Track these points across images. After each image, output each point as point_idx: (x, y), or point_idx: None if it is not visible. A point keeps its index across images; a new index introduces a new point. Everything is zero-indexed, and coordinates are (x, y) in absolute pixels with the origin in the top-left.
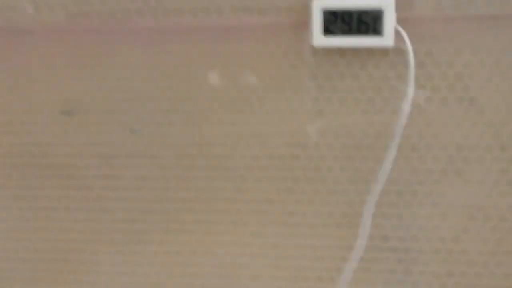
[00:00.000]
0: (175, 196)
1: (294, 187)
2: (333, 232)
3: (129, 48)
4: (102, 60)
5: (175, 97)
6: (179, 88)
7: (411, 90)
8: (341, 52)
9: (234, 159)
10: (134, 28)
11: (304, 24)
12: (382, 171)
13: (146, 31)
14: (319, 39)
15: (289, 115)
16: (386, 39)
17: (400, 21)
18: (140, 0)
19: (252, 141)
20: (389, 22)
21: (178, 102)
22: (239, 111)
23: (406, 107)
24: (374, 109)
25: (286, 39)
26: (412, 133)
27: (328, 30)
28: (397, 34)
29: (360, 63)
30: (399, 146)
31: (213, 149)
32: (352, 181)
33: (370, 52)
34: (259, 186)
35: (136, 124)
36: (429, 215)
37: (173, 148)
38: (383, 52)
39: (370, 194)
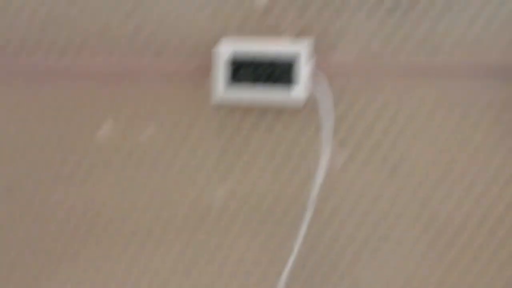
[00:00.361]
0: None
1: (197, 259)
2: None
3: (5, 91)
4: None
5: (59, 151)
6: (64, 141)
7: (328, 148)
8: (250, 105)
9: (128, 226)
10: (9, 67)
11: (208, 70)
12: (294, 247)
13: (25, 71)
14: (223, 90)
15: (188, 178)
16: (299, 91)
17: (318, 68)
18: (18, 36)
19: (149, 205)
20: (303, 71)
21: (63, 157)
22: (135, 168)
23: (322, 169)
24: (289, 167)
25: (189, 87)
26: (330, 198)
27: (233, 79)
28: (314, 84)
29: (271, 120)
30: (315, 213)
31: (105, 213)
32: (263, 252)
33: (283, 105)
34: (158, 253)
35: (13, 182)
36: None
37: (54, 213)
38: (297, 107)
39: (285, 266)
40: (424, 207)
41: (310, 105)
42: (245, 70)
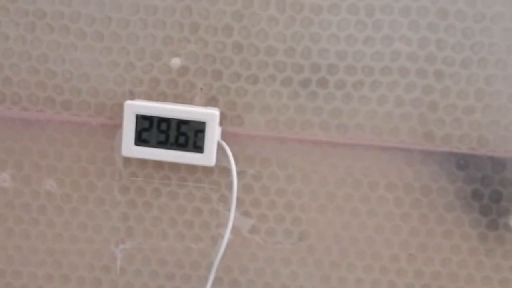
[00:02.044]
0: None
1: None
2: None
3: None
4: None
5: None
6: None
7: (233, 216)
8: (158, 164)
9: (22, 279)
10: None
11: (117, 126)
12: None
13: None
14: (130, 148)
15: (93, 232)
16: (207, 157)
17: (225, 136)
18: None
19: (46, 259)
20: (212, 137)
21: None
22: (32, 221)
23: (228, 235)
24: (192, 234)
25: (94, 142)
26: (233, 266)
27: (141, 138)
28: (222, 151)
29: (179, 179)
30: (217, 280)
31: None
32: None
33: (192, 167)
34: None
35: None
36: None
37: None
38: (207, 169)
39: None
40: (331, 273)
41: (221, 169)
42: (155, 130)
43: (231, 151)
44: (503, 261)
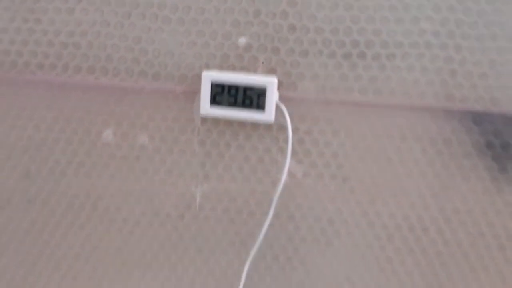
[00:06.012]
0: (63, 242)
1: (178, 245)
2: None
3: (27, 99)
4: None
5: (69, 148)
6: (73, 140)
7: (289, 164)
8: (228, 122)
9: (121, 212)
10: (32, 80)
11: (195, 92)
12: (260, 236)
13: (45, 84)
14: (207, 109)
15: (177, 177)
16: (268, 115)
17: (282, 99)
18: (41, 55)
19: (141, 197)
20: (271, 99)
21: (72, 153)
22: (130, 168)
23: (284, 179)
24: (256, 178)
25: (178, 105)
26: (289, 203)
27: (215, 101)
28: (280, 111)
29: (245, 134)
30: (276, 215)
31: (103, 201)
32: (232, 243)
33: (255, 125)
34: (145, 240)
35: (31, 170)
36: (301, 281)
37: (63, 196)
38: (267, 126)
39: (248, 256)
40: (368, 209)
41: (276, 128)
42: (226, 94)
43: (287, 111)
44: (511, 193)
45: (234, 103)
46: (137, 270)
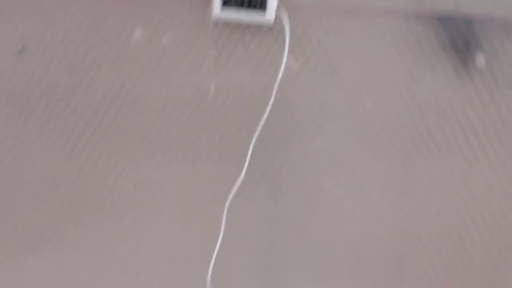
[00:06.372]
0: (99, 127)
1: (194, 130)
2: (223, 165)
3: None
4: (48, 8)
5: (104, 46)
6: (107, 39)
7: (286, 60)
8: (237, 26)
9: (147, 102)
10: None
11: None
12: (262, 122)
13: None
14: (218, 10)
15: (193, 72)
16: (269, 14)
17: (283, 3)
18: None
19: (163, 89)
20: (272, 2)
21: (107, 50)
22: (155, 63)
23: (282, 70)
24: (259, 73)
25: (196, 9)
26: (287, 95)
27: (226, 3)
28: (280, 16)
29: (250, 36)
30: (276, 104)
31: (131, 92)
32: (239, 128)
33: (259, 27)
34: (167, 125)
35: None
36: (297, 158)
37: (99, 85)
38: (269, 29)
39: (252, 139)
40: (354, 99)
41: (276, 29)
42: None
43: (286, 13)
44: (471, 84)
45: (241, 4)
46: (162, 155)
